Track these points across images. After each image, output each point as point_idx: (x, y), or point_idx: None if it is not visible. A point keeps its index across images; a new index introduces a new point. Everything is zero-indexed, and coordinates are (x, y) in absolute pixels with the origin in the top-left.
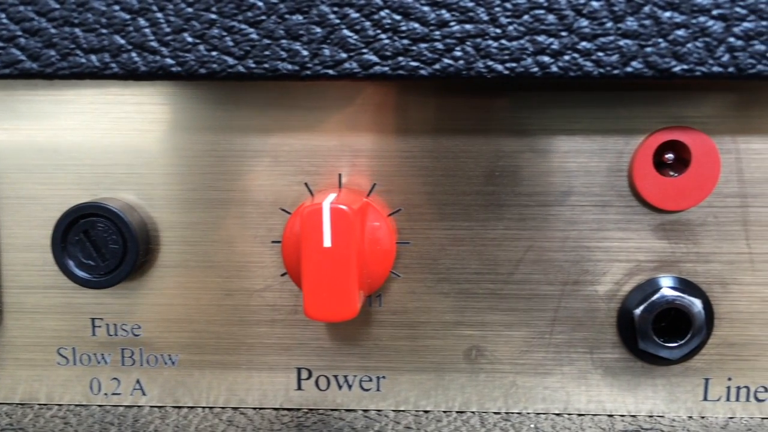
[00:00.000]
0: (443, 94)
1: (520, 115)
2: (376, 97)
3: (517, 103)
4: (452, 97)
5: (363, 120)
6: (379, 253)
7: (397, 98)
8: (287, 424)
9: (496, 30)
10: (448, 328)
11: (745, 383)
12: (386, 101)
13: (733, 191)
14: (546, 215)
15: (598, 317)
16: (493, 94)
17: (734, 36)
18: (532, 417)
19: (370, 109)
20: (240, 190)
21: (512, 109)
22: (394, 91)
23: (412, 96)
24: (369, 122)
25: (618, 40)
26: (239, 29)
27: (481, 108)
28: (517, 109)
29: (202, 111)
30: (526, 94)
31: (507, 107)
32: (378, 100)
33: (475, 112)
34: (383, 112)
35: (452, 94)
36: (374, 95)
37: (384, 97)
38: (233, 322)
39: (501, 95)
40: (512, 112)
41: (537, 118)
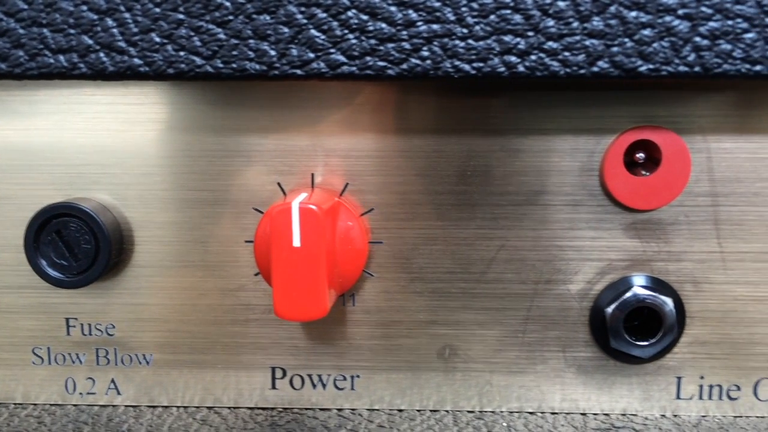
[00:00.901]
0: (416, 94)
1: (492, 115)
2: (348, 97)
3: (489, 102)
4: (424, 97)
5: (336, 120)
6: (351, 252)
7: (370, 98)
8: (261, 423)
9: (463, 30)
10: (421, 327)
11: (717, 382)
12: (359, 101)
13: (704, 190)
14: (518, 214)
15: (571, 316)
16: (465, 94)
17: (700, 35)
18: (505, 416)
19: (344, 109)
20: (214, 189)
21: (484, 109)
22: (366, 91)
23: (386, 96)
24: (342, 122)
25: (584, 40)
26: (207, 29)
27: (453, 108)
28: (489, 109)
29: (176, 111)
30: (497, 93)
31: (479, 107)
32: (351, 100)
33: (448, 112)
34: (356, 112)
35: (424, 94)
36: (346, 95)
37: (357, 97)
38: (207, 321)
39: (472, 95)
40: (484, 111)
41: (509, 117)
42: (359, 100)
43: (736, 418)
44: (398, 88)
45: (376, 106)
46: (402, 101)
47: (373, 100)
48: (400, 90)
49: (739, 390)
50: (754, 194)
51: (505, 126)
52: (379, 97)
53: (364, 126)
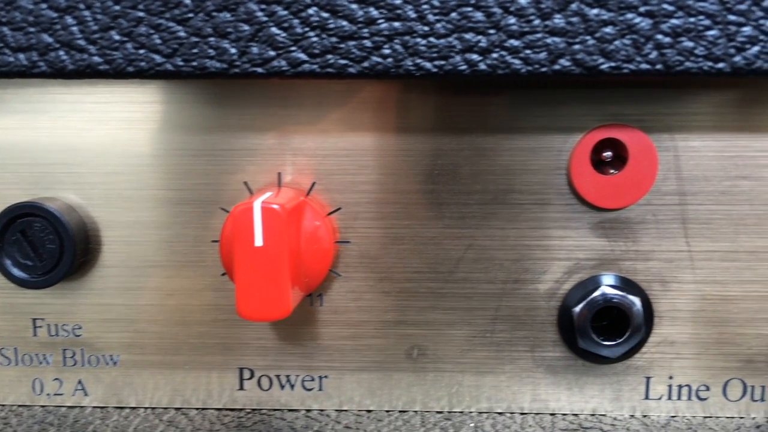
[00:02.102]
0: (383, 92)
1: (459, 114)
2: (315, 96)
3: (456, 101)
4: (392, 96)
5: (303, 119)
6: (316, 251)
7: (337, 97)
8: (227, 425)
9: (424, 28)
10: (389, 328)
11: (686, 382)
12: (326, 100)
13: (671, 189)
14: (486, 214)
15: (539, 316)
16: (432, 93)
17: (662, 33)
18: (474, 416)
19: (311, 108)
20: (180, 189)
21: (451, 108)
22: (335, 89)
23: (353, 95)
24: (310, 121)
25: (545, 38)
26: (166, 27)
27: (420, 107)
28: (457, 108)
29: (141, 110)
30: (465, 92)
31: (446, 106)
32: (318, 99)
33: (415, 111)
34: (323, 111)
35: (391, 92)
36: (313, 93)
37: (324, 96)
38: (175, 321)
39: (440, 94)
40: (451, 110)
41: (476, 116)
42: (327, 99)
43: (706, 418)
44: (365, 87)
45: (344, 105)
46: (369, 100)
47: (341, 99)
48: (368, 89)
49: (709, 390)
50: (722, 193)
51: (473, 125)
52: (346, 96)
53: (331, 125)
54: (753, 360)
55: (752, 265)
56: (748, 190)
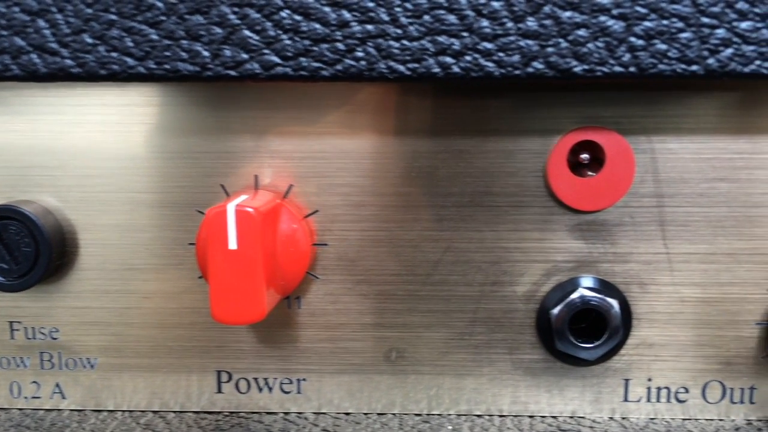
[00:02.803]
0: (360, 95)
1: (437, 116)
2: (292, 98)
3: (434, 103)
4: (369, 99)
5: (280, 121)
6: (293, 254)
7: (314, 99)
8: (204, 428)
9: (397, 30)
10: (367, 330)
11: (665, 384)
12: (303, 103)
13: (649, 191)
14: (463, 216)
15: (517, 318)
16: (410, 96)
17: (635, 35)
18: (453, 419)
19: (287, 111)
20: (157, 191)
21: (429, 110)
22: (311, 92)
23: (329, 97)
24: (286, 124)
25: (519, 41)
26: (139, 30)
27: (397, 109)
28: (434, 110)
29: (118, 112)
30: (442, 95)
31: (423, 108)
32: (295, 102)
33: (392, 114)
34: (300, 113)
35: (369, 95)
36: (290, 96)
37: (301, 99)
38: (152, 324)
39: (417, 95)
40: (429, 112)
41: (453, 118)
42: (304, 101)
43: (685, 420)
44: (341, 90)
45: (321, 107)
46: (347, 103)
47: (318, 102)
48: (344, 91)
49: (688, 392)
50: (700, 195)
51: (450, 127)
52: (323, 99)
53: (309, 127)
54: (732, 362)
55: (730, 267)
56: (725, 192)
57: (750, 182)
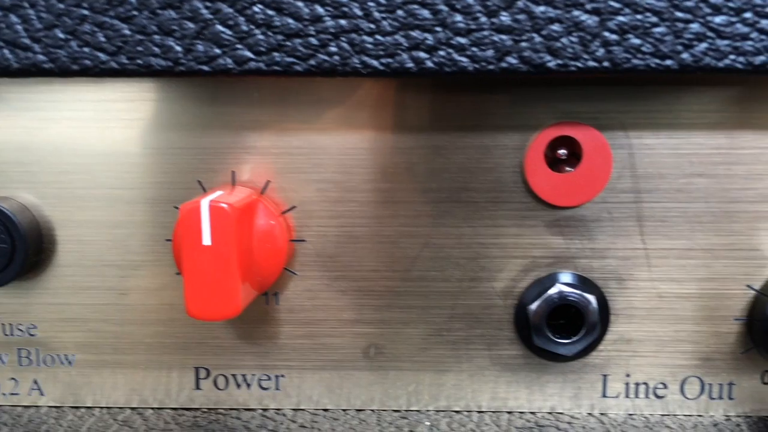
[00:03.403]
0: (338, 90)
1: (415, 112)
2: (270, 94)
3: (412, 99)
4: (347, 94)
5: (257, 116)
6: (270, 250)
7: (291, 95)
8: (182, 424)
9: (370, 25)
10: (345, 326)
11: (643, 380)
12: (281, 98)
13: (626, 186)
14: (441, 212)
15: (495, 314)
16: (388, 91)
17: (609, 30)
18: (431, 415)
19: (266, 106)
20: (134, 187)
21: (406, 106)
22: (287, 87)
23: (308, 93)
24: (263, 119)
25: (492, 36)
26: (111, 25)
27: (375, 105)
28: (412, 106)
29: (93, 108)
30: (419, 90)
31: (401, 104)
32: (272, 97)
33: (369, 109)
34: (278, 109)
35: (346, 90)
36: (268, 91)
37: (278, 94)
38: (130, 321)
39: (395, 91)
40: (406, 108)
41: (431, 114)
42: (281, 96)
43: (663, 416)
44: (318, 86)
45: (299, 103)
46: (325, 98)
47: (296, 97)
48: (321, 87)
49: (666, 388)
50: (677, 190)
51: (428, 123)
52: (301, 94)
53: (286, 123)
54: (711, 358)
55: (708, 262)
56: (703, 187)
57: (728, 178)
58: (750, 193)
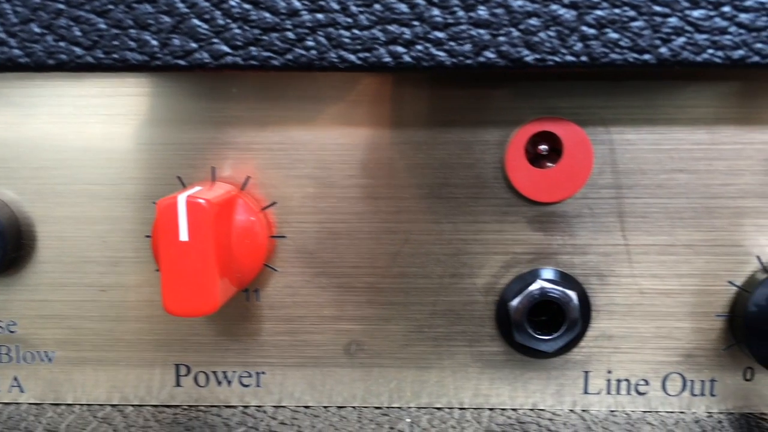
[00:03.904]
0: (318, 86)
1: (395, 107)
2: (250, 89)
3: (392, 94)
4: (327, 89)
5: (237, 112)
6: (249, 246)
7: (271, 90)
8: (161, 421)
9: (347, 19)
10: (326, 323)
11: (625, 376)
12: (261, 93)
13: (607, 182)
14: (422, 208)
15: (477, 310)
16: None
17: (586, 24)
18: (413, 411)
19: (245, 101)
20: (113, 183)
21: (387, 101)
22: (267, 83)
23: (284, 88)
24: (244, 114)
25: (470, 30)
26: (87, 19)
27: (355, 100)
28: (392, 101)
29: (72, 103)
30: (400, 85)
31: (382, 99)
32: (252, 92)
33: (349, 105)
34: (258, 104)
35: (327, 86)
36: (247, 86)
37: (258, 89)
38: (110, 317)
39: (376, 86)
40: (387, 104)
41: (411, 109)
42: (261, 92)
43: (645, 413)
44: (297, 80)
45: (279, 98)
46: (305, 94)
47: (275, 93)
48: (300, 81)
49: (648, 384)
50: (658, 186)
51: (408, 118)
52: (281, 90)
53: (266, 118)
54: (692, 354)
55: (689, 258)
56: (684, 183)
57: (709, 173)
58: (731, 188)
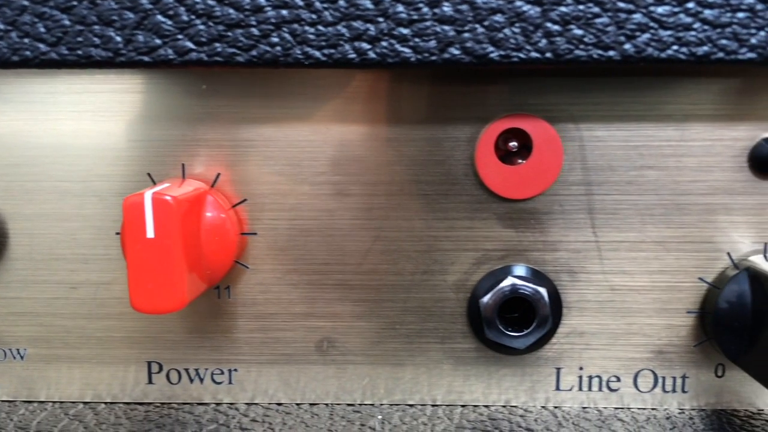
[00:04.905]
0: (290, 84)
1: (366, 104)
2: (220, 87)
3: (363, 91)
4: (298, 87)
5: (207, 109)
6: (219, 243)
7: (238, 87)
8: (132, 419)
9: (312, 16)
10: (298, 320)
11: (596, 373)
12: (229, 91)
13: (577, 179)
14: (393, 205)
15: (448, 307)
16: (339, 82)
17: (551, 21)
18: (385, 408)
19: (215, 98)
20: (83, 180)
21: (357, 98)
22: (236, 80)
23: (253, 85)
24: (213, 111)
25: (434, 26)
26: (51, 15)
27: (325, 97)
28: (363, 98)
29: (42, 100)
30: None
31: (352, 96)
32: (222, 89)
33: (319, 102)
34: (228, 101)
35: (298, 83)
36: (216, 84)
37: (227, 86)
38: (81, 315)
39: (346, 83)
40: (357, 101)
41: (381, 106)
42: (230, 89)
43: (617, 409)
44: (266, 77)
45: (248, 95)
46: (272, 90)
47: (244, 90)
48: (271, 78)
49: (619, 381)
50: (628, 183)
51: (379, 115)
52: (249, 87)
53: (237, 115)
54: (663, 351)
55: (659, 255)
56: (653, 179)
57: (678, 170)
58: (700, 185)
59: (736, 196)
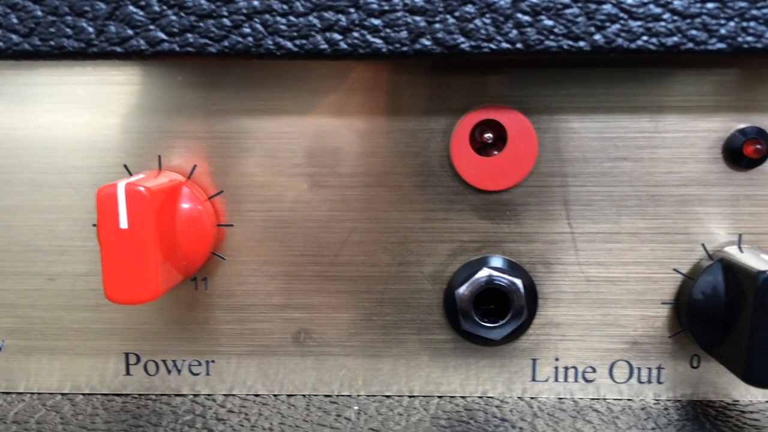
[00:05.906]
0: (267, 76)
1: (341, 96)
2: (195, 77)
3: (339, 83)
4: (275, 79)
5: (184, 100)
6: (195, 234)
7: (216, 78)
8: (109, 410)
9: (283, 6)
10: (275, 311)
11: (572, 363)
12: (205, 82)
13: (552, 170)
14: (369, 196)
15: (425, 298)
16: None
17: (521, 11)
18: (363, 399)
19: (191, 89)
20: (60, 172)
21: (333, 90)
22: (212, 71)
23: (230, 76)
24: (190, 103)
25: (405, 17)
26: (23, 6)
27: (301, 88)
28: (338, 90)
29: (18, 92)
30: (345, 73)
31: (328, 88)
32: (199, 80)
33: (295, 93)
34: (204, 92)
35: (275, 75)
36: (193, 75)
37: (203, 77)
38: (58, 306)
39: (323, 75)
40: (333, 92)
41: (356, 98)
42: (206, 79)
43: (593, 400)
44: (242, 69)
45: (223, 86)
46: (248, 82)
47: (219, 81)
48: (247, 69)
49: (595, 372)
50: (603, 174)
51: (354, 107)
52: (224, 78)
53: (212, 107)
54: (638, 342)
55: (634, 246)
56: (628, 171)
57: (652, 161)
58: (674, 176)
59: (711, 187)
